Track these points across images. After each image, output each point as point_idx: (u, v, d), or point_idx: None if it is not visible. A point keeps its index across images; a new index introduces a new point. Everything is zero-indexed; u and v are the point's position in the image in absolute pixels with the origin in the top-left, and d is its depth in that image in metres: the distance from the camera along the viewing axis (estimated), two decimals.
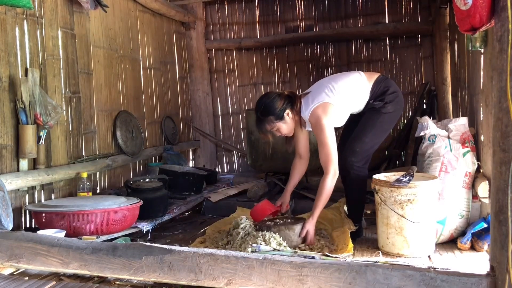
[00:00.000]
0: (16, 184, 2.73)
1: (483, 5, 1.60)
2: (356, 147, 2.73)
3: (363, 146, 2.74)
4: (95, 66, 3.69)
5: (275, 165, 4.00)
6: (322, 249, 2.52)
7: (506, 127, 1.53)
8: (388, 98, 2.76)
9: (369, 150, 2.79)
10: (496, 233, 1.60)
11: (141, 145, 4.18)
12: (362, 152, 2.74)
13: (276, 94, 2.77)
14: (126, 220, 2.73)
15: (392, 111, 2.78)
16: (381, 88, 2.78)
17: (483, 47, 2.54)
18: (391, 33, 5.07)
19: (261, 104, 2.76)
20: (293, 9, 5.41)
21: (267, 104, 2.74)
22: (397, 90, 2.83)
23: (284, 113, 2.71)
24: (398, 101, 2.81)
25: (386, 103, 2.75)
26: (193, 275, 1.90)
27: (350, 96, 2.75)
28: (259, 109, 2.76)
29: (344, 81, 2.79)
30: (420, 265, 2.11)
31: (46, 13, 3.13)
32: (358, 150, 2.72)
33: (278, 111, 2.71)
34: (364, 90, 2.77)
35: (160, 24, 4.87)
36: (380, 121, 2.76)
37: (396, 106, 2.79)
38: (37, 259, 2.11)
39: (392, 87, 2.82)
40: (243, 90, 5.66)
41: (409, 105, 5.15)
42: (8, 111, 2.78)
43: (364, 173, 2.76)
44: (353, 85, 2.78)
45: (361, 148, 2.73)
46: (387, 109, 2.75)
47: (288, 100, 2.74)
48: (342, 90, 2.73)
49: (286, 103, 2.72)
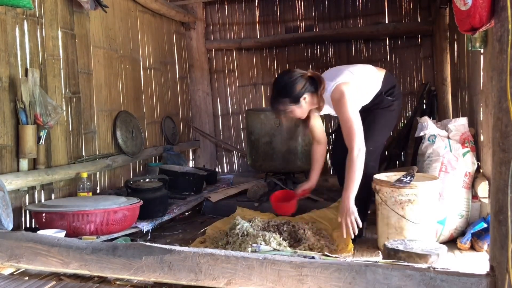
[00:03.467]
0: (16, 184, 2.73)
1: (483, 5, 1.60)
2: (370, 146, 2.66)
3: (375, 144, 2.78)
4: (95, 66, 3.69)
5: (275, 165, 4.00)
6: (322, 249, 2.52)
7: (506, 127, 1.53)
8: (395, 94, 2.87)
9: (379, 147, 2.89)
10: (496, 233, 1.60)
11: (141, 145, 4.18)
12: (375, 151, 2.78)
13: (299, 75, 2.62)
14: (126, 220, 2.73)
15: (397, 108, 2.90)
16: (391, 83, 2.87)
17: (483, 47, 2.54)
18: (391, 33, 5.07)
19: (281, 83, 2.64)
20: (293, 9, 5.41)
21: (287, 84, 2.60)
22: (399, 87, 2.99)
23: (301, 98, 2.61)
24: (400, 98, 2.97)
25: (394, 101, 2.84)
26: (193, 275, 1.90)
27: (366, 82, 2.78)
28: (277, 87, 2.65)
29: (361, 68, 2.85)
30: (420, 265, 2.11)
31: (46, 13, 3.14)
32: (372, 149, 2.71)
33: (295, 94, 2.59)
34: (377, 81, 2.83)
35: (160, 24, 4.87)
36: (388, 119, 2.86)
37: (399, 103, 2.94)
38: (37, 259, 2.11)
39: (397, 83, 2.97)
40: (243, 90, 5.66)
41: (409, 105, 5.14)
42: (8, 111, 2.78)
43: (375, 171, 2.79)
44: (369, 73, 2.83)
45: (374, 147, 2.76)
46: (394, 106, 2.85)
47: (309, 83, 2.62)
48: (361, 75, 2.76)
49: (306, 87, 2.61)
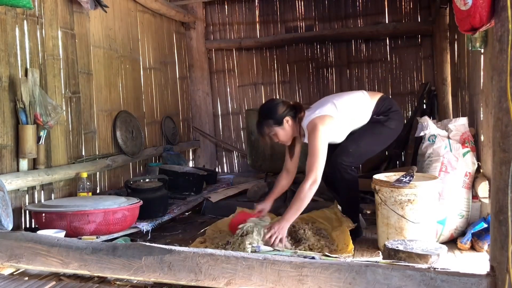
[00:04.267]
0: (16, 184, 2.73)
1: (483, 5, 1.60)
2: (350, 147, 2.76)
3: (357, 149, 2.78)
4: (95, 66, 3.69)
5: (275, 165, 4.00)
6: (322, 249, 2.52)
7: (506, 127, 1.53)
8: (392, 115, 2.83)
9: (361, 155, 2.85)
10: (496, 233, 1.60)
11: (141, 145, 4.18)
12: (353, 154, 2.77)
13: (281, 101, 2.79)
14: (126, 220, 2.73)
15: (394, 127, 2.85)
16: (385, 106, 2.85)
17: (483, 47, 2.54)
18: (391, 33, 5.07)
19: (265, 108, 2.81)
20: (293, 9, 5.41)
21: (270, 107, 2.77)
22: (398, 110, 2.93)
23: (284, 120, 2.72)
24: (399, 119, 2.91)
25: (389, 119, 2.81)
26: (193, 275, 1.90)
27: (352, 113, 2.79)
28: (261, 111, 2.80)
29: (348, 98, 2.86)
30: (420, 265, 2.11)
31: (46, 13, 3.13)
32: (351, 151, 2.76)
33: (278, 116, 2.72)
34: (367, 108, 2.82)
35: (160, 24, 4.87)
36: (379, 132, 2.82)
37: (397, 124, 2.87)
38: (37, 259, 2.11)
39: (395, 105, 2.91)
40: (243, 90, 5.66)
41: (409, 105, 5.15)
42: (8, 111, 2.78)
43: (351, 175, 2.77)
44: (356, 103, 2.83)
45: (354, 150, 2.77)
46: (390, 123, 2.81)
47: (290, 109, 2.75)
48: (345, 107, 2.78)
49: (288, 110, 2.74)
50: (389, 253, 2.14)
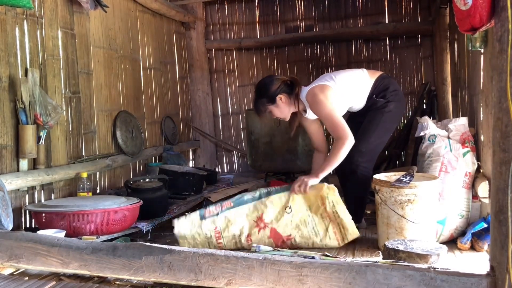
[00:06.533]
0: (16, 184, 2.73)
1: (483, 5, 1.60)
2: (362, 147, 2.76)
3: (369, 146, 2.79)
4: (95, 66, 3.69)
5: (275, 165, 4.00)
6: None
7: (506, 127, 1.53)
8: (389, 96, 2.82)
9: (375, 149, 2.86)
10: (496, 233, 1.60)
11: (141, 145, 4.18)
12: (368, 152, 2.79)
13: (274, 78, 2.83)
14: (126, 220, 2.73)
15: (394, 109, 2.84)
16: (383, 85, 2.84)
17: (483, 47, 2.54)
18: (391, 33, 5.07)
19: (259, 86, 2.87)
20: (293, 9, 5.41)
21: (263, 85, 2.82)
22: (397, 89, 2.90)
23: (277, 98, 2.76)
24: (399, 99, 2.89)
25: (388, 102, 2.80)
26: (193, 275, 1.90)
27: (350, 87, 2.79)
28: (256, 89, 2.87)
29: (346, 73, 2.87)
30: (420, 265, 2.11)
31: (46, 13, 3.13)
32: (364, 150, 2.77)
33: (271, 94, 2.76)
34: (366, 85, 2.82)
35: (160, 24, 4.86)
36: (383, 121, 2.82)
37: (397, 105, 2.86)
38: (37, 259, 2.11)
39: (393, 85, 2.89)
40: (243, 90, 5.66)
41: (409, 105, 5.14)
42: (8, 111, 2.78)
43: (369, 173, 2.80)
44: (354, 78, 2.83)
45: (367, 148, 2.78)
46: (389, 108, 2.81)
47: (284, 85, 2.78)
48: (343, 81, 2.79)
49: (281, 88, 2.77)
50: (389, 253, 2.14)
